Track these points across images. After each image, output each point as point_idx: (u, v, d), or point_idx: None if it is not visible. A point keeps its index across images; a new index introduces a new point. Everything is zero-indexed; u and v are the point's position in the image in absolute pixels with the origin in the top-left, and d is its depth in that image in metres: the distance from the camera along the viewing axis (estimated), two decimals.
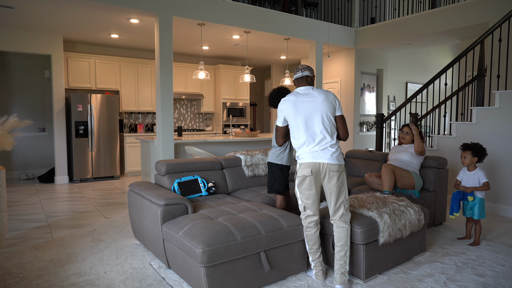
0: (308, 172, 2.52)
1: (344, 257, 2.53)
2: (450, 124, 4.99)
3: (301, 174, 2.56)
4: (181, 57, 8.52)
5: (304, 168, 2.54)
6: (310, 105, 2.56)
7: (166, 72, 5.22)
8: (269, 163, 3.27)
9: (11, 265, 2.91)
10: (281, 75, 9.84)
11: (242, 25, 5.83)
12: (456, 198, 3.39)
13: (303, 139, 2.55)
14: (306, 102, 2.57)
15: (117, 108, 7.05)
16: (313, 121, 2.53)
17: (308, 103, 2.57)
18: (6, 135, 2.94)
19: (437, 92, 8.56)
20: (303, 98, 2.59)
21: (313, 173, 2.52)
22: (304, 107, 2.56)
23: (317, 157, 2.51)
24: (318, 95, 2.57)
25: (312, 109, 2.55)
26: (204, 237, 2.29)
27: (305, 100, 2.58)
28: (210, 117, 9.19)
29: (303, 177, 2.55)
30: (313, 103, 2.56)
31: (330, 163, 2.50)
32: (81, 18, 5.45)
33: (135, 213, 3.20)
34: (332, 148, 2.52)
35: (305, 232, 2.64)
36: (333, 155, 2.51)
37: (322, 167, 2.50)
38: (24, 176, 7.02)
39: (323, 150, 2.51)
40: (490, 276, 2.72)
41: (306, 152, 2.55)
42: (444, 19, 5.99)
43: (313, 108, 2.55)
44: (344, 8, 7.93)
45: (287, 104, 2.63)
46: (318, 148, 2.51)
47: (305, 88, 2.65)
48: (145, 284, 2.59)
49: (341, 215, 2.54)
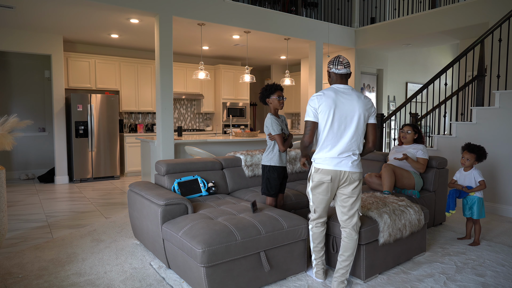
0: (327, 180, 2.42)
1: (348, 267, 2.48)
2: (450, 124, 4.99)
3: (318, 179, 2.45)
4: (181, 57, 8.52)
5: (323, 174, 2.43)
6: (349, 107, 2.39)
7: (166, 72, 5.22)
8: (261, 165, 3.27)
9: (11, 265, 2.91)
10: (281, 75, 9.84)
11: (242, 25, 5.83)
12: (453, 195, 3.40)
13: (329, 140, 2.41)
14: (346, 103, 2.40)
15: (117, 108, 7.05)
16: (348, 124, 2.39)
17: (347, 105, 2.40)
18: (6, 135, 2.94)
19: (437, 92, 8.56)
20: (343, 97, 2.41)
21: (332, 180, 2.42)
22: (342, 108, 2.39)
23: (339, 165, 2.40)
24: (358, 99, 2.42)
25: (350, 111, 2.39)
26: (204, 237, 2.29)
27: (345, 100, 2.40)
28: (210, 117, 9.19)
29: (321, 182, 2.45)
30: (352, 106, 2.40)
31: (352, 171, 2.41)
32: (81, 18, 5.45)
33: (135, 213, 3.20)
34: (355, 156, 2.43)
35: (312, 230, 2.61)
36: (354, 162, 2.42)
37: (343, 175, 2.41)
38: (24, 176, 7.02)
39: (347, 157, 2.41)
40: (490, 276, 2.72)
41: (328, 157, 2.42)
42: (444, 19, 5.99)
43: (351, 111, 2.39)
44: (344, 8, 7.93)
45: (325, 98, 2.39)
46: (343, 155, 2.40)
47: (345, 87, 2.47)
48: (145, 284, 2.59)
49: (354, 224, 2.47)
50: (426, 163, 3.85)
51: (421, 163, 3.82)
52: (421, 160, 3.84)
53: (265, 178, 3.18)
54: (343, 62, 2.46)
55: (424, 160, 3.84)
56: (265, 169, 3.18)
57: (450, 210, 3.39)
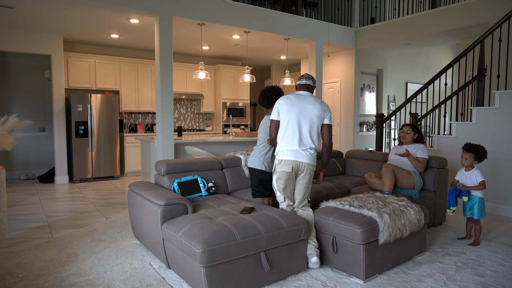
0: (289, 169, 2.87)
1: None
2: (450, 124, 4.99)
3: (281, 170, 2.89)
4: (181, 57, 8.52)
5: (285, 165, 2.88)
6: (306, 108, 2.91)
7: (166, 72, 5.22)
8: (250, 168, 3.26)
9: (11, 265, 2.91)
10: (281, 75, 9.84)
11: (242, 25, 5.83)
12: (453, 193, 3.39)
13: (289, 136, 2.89)
14: (302, 105, 2.92)
15: (117, 108, 7.05)
16: (303, 123, 2.89)
17: (304, 106, 2.92)
18: (6, 135, 2.94)
19: (437, 92, 8.56)
20: (301, 100, 2.94)
21: (293, 170, 2.89)
22: (300, 108, 2.91)
23: (298, 156, 2.87)
24: (315, 102, 2.95)
25: (306, 112, 2.90)
26: (204, 237, 2.29)
27: (303, 102, 2.93)
28: (210, 117, 9.19)
29: (283, 172, 2.88)
30: (308, 107, 2.91)
31: (309, 163, 2.90)
32: (81, 18, 5.45)
33: (135, 213, 3.20)
34: (311, 150, 2.92)
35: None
36: (311, 156, 2.90)
37: (302, 165, 2.89)
38: (24, 176, 7.02)
39: (304, 150, 2.89)
40: (490, 276, 2.72)
41: (289, 149, 2.89)
42: (444, 19, 5.99)
43: (307, 111, 2.91)
44: (344, 8, 7.93)
45: (286, 101, 2.94)
46: (300, 148, 2.88)
47: (305, 93, 3.02)
48: (145, 284, 2.59)
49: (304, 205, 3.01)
50: (425, 162, 3.85)
51: (421, 162, 3.83)
52: (420, 159, 3.85)
53: (257, 180, 3.20)
54: (305, 76, 3.07)
55: (423, 159, 3.84)
56: (257, 172, 3.20)
57: (451, 206, 3.39)
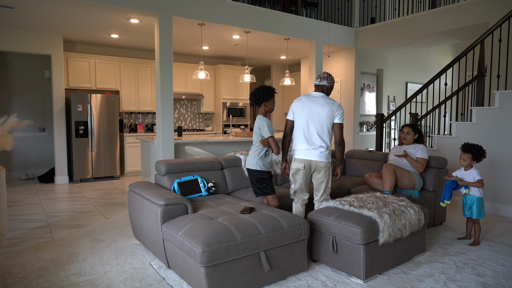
0: (301, 166, 3.11)
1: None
2: (450, 124, 4.99)
3: (295, 167, 3.16)
4: (181, 57, 8.52)
5: (297, 162, 3.13)
6: (314, 110, 3.07)
7: (166, 72, 5.22)
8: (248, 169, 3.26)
9: (11, 265, 2.91)
10: (281, 75, 9.84)
11: (242, 25, 5.83)
12: (449, 186, 3.37)
13: (300, 136, 3.11)
14: (312, 107, 3.08)
15: (117, 108, 7.05)
16: (312, 124, 3.07)
17: (313, 108, 3.08)
18: (6, 135, 2.94)
19: (437, 92, 8.56)
20: (311, 102, 3.10)
21: (305, 167, 3.11)
22: (309, 110, 3.08)
23: (308, 155, 3.09)
24: (324, 104, 3.08)
25: (315, 113, 3.07)
26: (204, 237, 2.29)
27: (312, 104, 3.09)
28: (210, 117, 9.19)
29: (297, 169, 3.14)
30: (316, 109, 3.07)
31: (320, 160, 3.08)
32: (81, 18, 5.45)
33: (135, 213, 3.20)
34: (322, 148, 3.09)
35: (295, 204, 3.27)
36: (321, 154, 3.08)
37: (313, 163, 3.10)
38: (24, 176, 7.02)
39: (314, 149, 3.08)
40: (490, 276, 2.72)
41: (300, 148, 3.12)
42: (444, 19, 5.99)
43: (316, 113, 3.06)
44: (344, 8, 7.93)
45: (298, 103, 3.16)
46: (310, 147, 3.08)
47: (318, 94, 3.16)
48: (145, 284, 2.59)
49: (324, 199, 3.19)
50: (425, 163, 3.85)
51: (420, 163, 3.82)
52: (420, 160, 3.84)
53: (256, 180, 3.20)
54: (321, 76, 3.20)
55: (423, 160, 3.84)
56: (254, 172, 3.20)
57: (445, 200, 3.38)
